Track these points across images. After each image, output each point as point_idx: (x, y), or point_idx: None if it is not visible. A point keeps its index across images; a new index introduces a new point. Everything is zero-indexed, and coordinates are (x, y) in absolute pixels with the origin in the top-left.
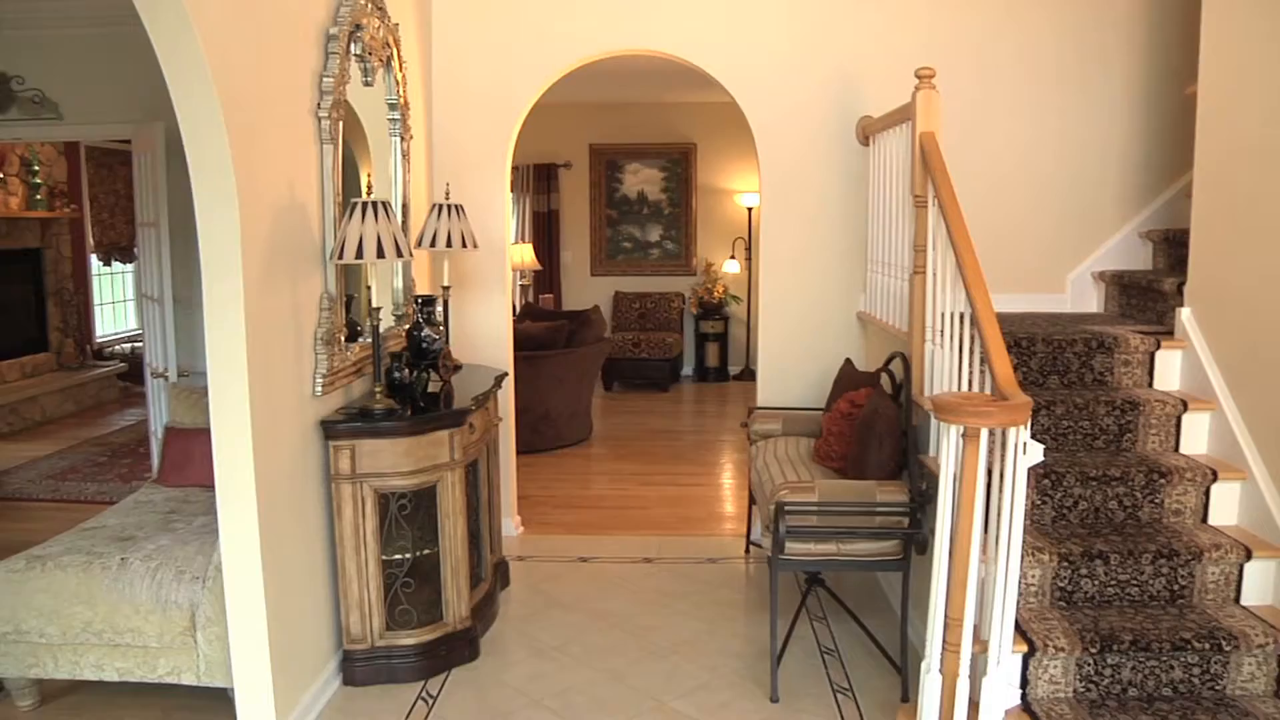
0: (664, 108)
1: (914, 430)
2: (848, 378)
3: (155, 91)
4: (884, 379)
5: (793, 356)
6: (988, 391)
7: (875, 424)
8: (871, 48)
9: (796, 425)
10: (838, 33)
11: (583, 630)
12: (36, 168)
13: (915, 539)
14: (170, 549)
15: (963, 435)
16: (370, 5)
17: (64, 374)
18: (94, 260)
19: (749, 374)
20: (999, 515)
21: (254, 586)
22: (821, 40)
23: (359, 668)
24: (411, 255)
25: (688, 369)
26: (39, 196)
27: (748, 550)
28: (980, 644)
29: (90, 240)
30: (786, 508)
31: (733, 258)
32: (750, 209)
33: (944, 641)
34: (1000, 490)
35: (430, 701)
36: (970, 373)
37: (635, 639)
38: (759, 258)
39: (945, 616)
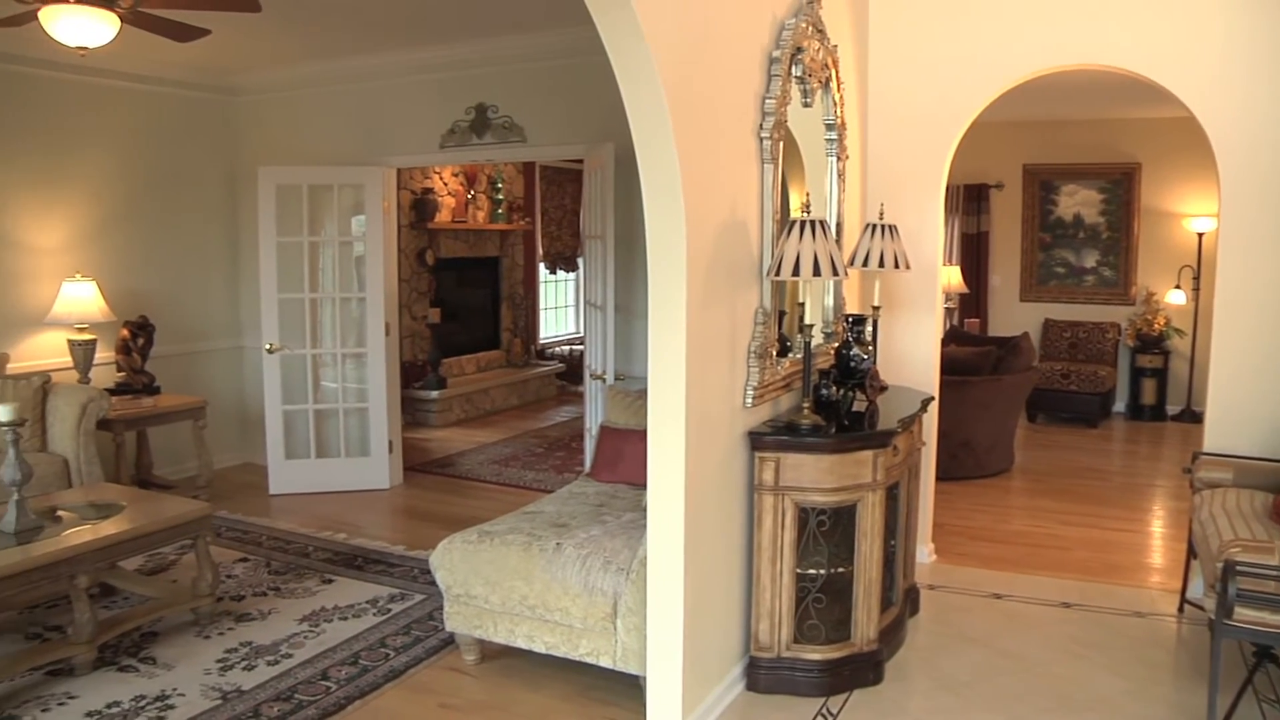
0: (1105, 124)
1: None
2: None
3: (606, 115)
4: None
5: (1249, 399)
6: None
7: None
8: None
9: (1250, 476)
10: None
11: (991, 669)
12: (500, 185)
13: None
14: (600, 539)
15: None
16: (811, 28)
17: (511, 370)
18: (541, 268)
19: (1190, 415)
20: None
21: (674, 583)
22: None
23: (763, 675)
24: (846, 274)
25: (1119, 405)
26: (500, 211)
27: (1181, 609)
28: None
29: (539, 250)
30: (1238, 568)
31: (1178, 287)
32: (1201, 234)
33: None
34: None
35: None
36: None
37: (1046, 687)
38: (1212, 288)
39: None
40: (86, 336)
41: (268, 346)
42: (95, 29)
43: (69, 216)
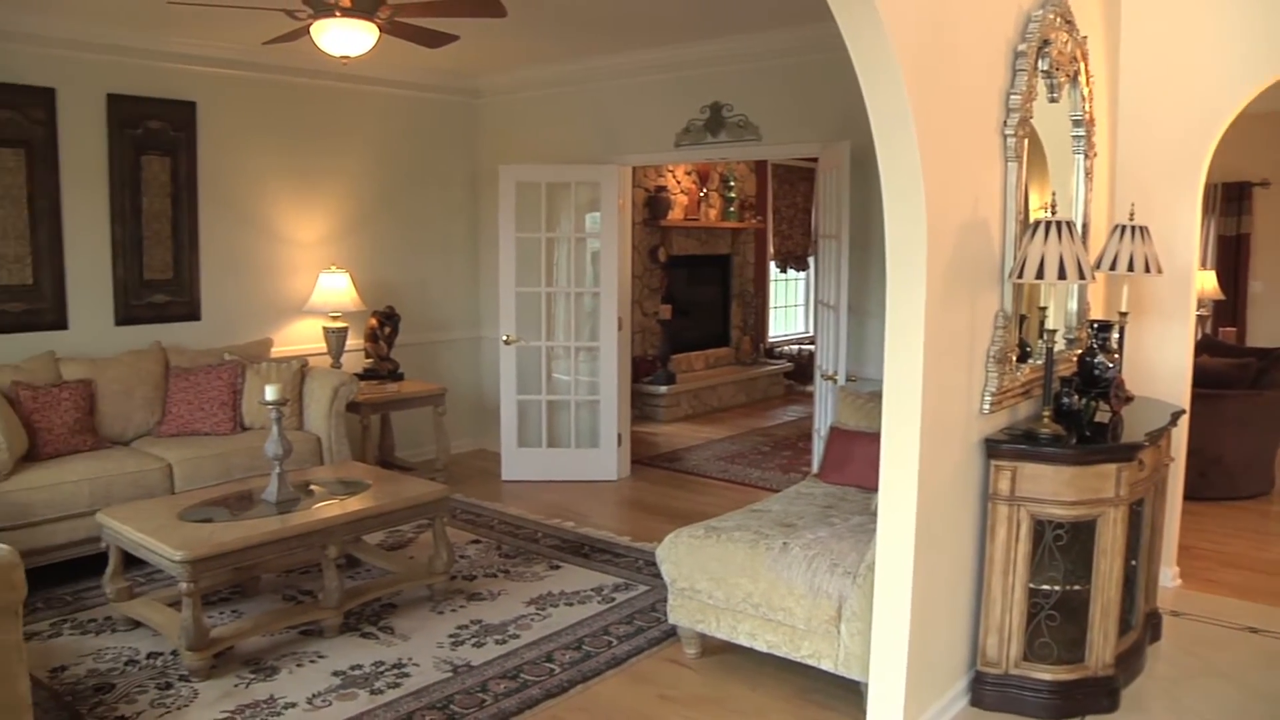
0: None
1: None
2: None
3: (841, 112)
4: None
5: None
6: None
7: None
8: None
9: None
10: None
11: (1241, 711)
12: (732, 183)
13: None
14: (827, 541)
15: None
16: (1059, 19)
17: (739, 368)
18: (772, 267)
19: None
20: None
21: (902, 590)
22: None
23: (988, 691)
24: (1093, 278)
25: None
26: (732, 209)
27: None
28: None
29: (770, 249)
30: None
31: None
32: None
33: None
34: None
35: None
36: None
37: None
38: None
39: None
40: (339, 324)
41: (505, 338)
42: (357, 39)
43: (327, 213)
